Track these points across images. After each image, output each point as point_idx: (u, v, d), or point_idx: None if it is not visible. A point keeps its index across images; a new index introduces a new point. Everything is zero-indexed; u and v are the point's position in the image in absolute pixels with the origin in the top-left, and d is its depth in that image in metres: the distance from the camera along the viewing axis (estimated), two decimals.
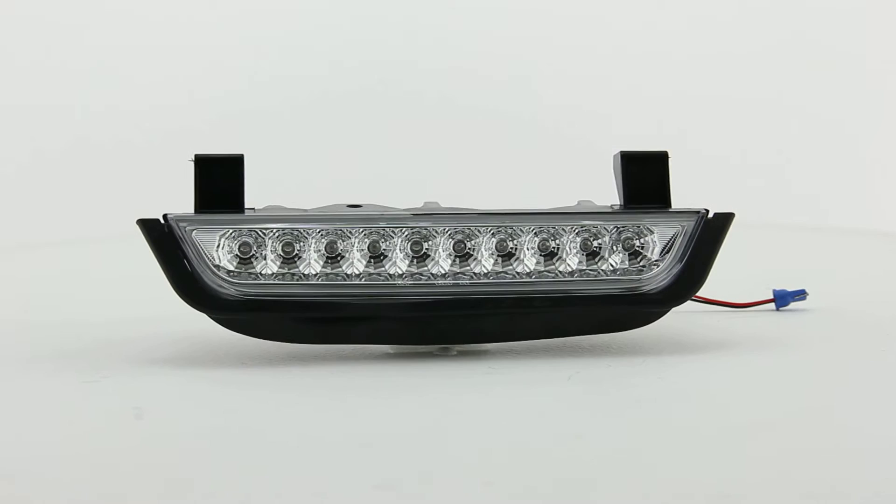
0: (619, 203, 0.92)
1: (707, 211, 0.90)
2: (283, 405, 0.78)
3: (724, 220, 0.90)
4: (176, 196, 1.92)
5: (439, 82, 2.11)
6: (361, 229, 0.88)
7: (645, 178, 0.90)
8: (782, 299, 1.21)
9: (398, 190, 1.12)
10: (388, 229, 0.88)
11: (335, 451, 0.65)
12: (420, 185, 1.83)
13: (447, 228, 0.89)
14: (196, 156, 0.89)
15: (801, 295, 1.21)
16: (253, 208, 0.91)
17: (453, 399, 0.79)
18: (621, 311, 0.90)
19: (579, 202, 0.93)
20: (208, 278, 0.88)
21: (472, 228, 0.89)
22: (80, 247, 1.74)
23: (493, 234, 0.89)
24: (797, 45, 2.22)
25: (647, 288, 0.90)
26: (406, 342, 0.92)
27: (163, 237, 0.87)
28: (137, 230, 0.87)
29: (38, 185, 1.96)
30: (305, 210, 0.91)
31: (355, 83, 2.06)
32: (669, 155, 0.90)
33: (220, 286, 0.88)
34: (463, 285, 0.89)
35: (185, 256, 0.87)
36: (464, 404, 0.77)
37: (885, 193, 2.25)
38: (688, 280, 0.89)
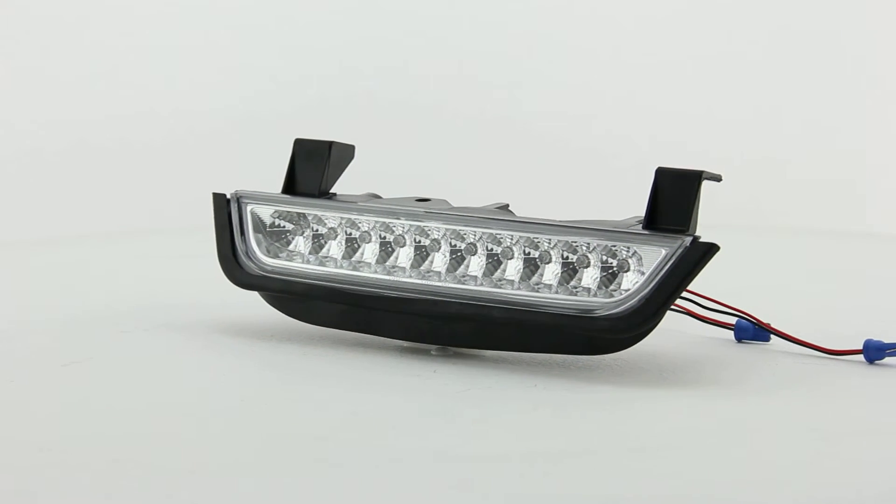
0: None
1: (693, 238, 0.80)
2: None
3: (704, 252, 0.80)
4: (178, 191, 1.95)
5: (439, 86, 2.12)
6: (380, 223, 0.90)
7: (671, 196, 0.82)
8: (876, 352, 0.93)
9: (398, 189, 1.14)
10: (409, 227, 0.89)
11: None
12: (420, 185, 1.84)
13: (447, 231, 0.88)
14: (296, 140, 0.94)
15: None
16: (333, 193, 0.94)
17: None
18: (573, 334, 0.83)
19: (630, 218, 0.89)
20: (241, 251, 0.92)
21: (466, 231, 0.88)
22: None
23: (487, 240, 0.87)
24: (796, 46, 2.20)
25: (600, 313, 0.81)
26: (394, 337, 0.91)
27: (220, 210, 0.93)
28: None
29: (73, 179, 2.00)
30: (355, 202, 0.92)
31: (355, 84, 2.08)
32: (705, 176, 0.82)
33: (247, 261, 0.92)
34: (426, 287, 0.87)
35: (230, 230, 0.92)
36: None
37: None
38: (643, 312, 0.80)
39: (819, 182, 2.20)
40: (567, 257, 0.84)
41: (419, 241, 0.89)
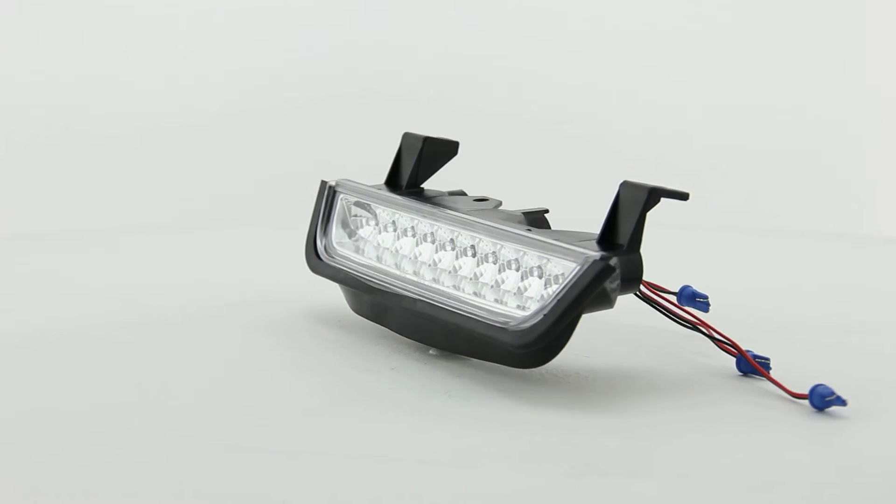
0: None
1: (604, 256, 0.74)
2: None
3: (598, 272, 0.74)
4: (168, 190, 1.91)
5: (438, 86, 2.13)
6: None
7: (622, 211, 0.77)
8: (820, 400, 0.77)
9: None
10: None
11: None
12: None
13: (447, 230, 0.86)
14: (404, 133, 0.94)
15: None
16: (420, 189, 0.93)
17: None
18: (493, 345, 0.79)
19: None
20: (320, 240, 0.93)
21: (445, 230, 0.86)
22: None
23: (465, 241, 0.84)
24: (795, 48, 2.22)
25: (510, 325, 0.76)
26: (396, 332, 0.89)
27: (319, 197, 0.94)
28: None
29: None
30: (412, 199, 0.90)
31: (355, 84, 2.08)
32: (665, 194, 0.76)
33: (322, 248, 0.92)
34: (407, 282, 0.86)
35: (317, 217, 0.93)
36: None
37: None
38: (538, 329, 0.75)
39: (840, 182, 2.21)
40: (505, 265, 0.81)
41: (426, 239, 0.88)
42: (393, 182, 0.95)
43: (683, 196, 0.78)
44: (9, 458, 0.66)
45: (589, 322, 0.76)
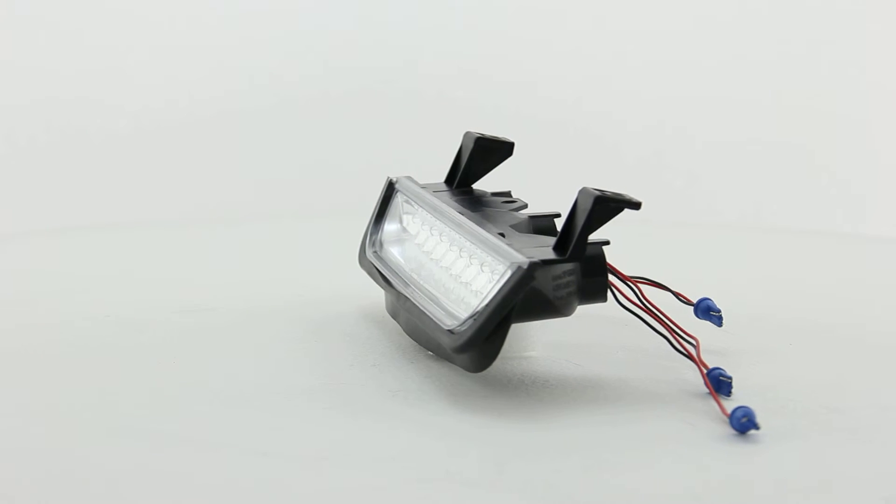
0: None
1: (530, 262, 0.72)
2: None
3: (519, 279, 0.72)
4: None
5: (440, 84, 2.10)
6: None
7: (572, 216, 0.76)
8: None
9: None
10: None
11: None
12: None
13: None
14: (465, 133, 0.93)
15: None
16: (471, 189, 0.93)
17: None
18: (442, 347, 0.78)
19: None
20: (372, 235, 0.93)
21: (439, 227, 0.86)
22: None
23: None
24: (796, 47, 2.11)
25: (455, 328, 0.76)
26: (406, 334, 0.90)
27: (382, 193, 0.94)
28: None
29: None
30: (438, 197, 0.90)
31: (355, 84, 2.08)
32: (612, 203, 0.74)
33: (369, 244, 0.93)
34: (399, 281, 0.86)
35: (375, 214, 0.95)
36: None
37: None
38: (467, 332, 0.74)
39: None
40: (480, 267, 0.80)
41: (431, 238, 0.88)
42: (449, 180, 0.95)
43: (635, 205, 0.75)
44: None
45: (591, 322, 0.73)
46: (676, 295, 0.86)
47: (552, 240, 0.78)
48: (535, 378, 0.81)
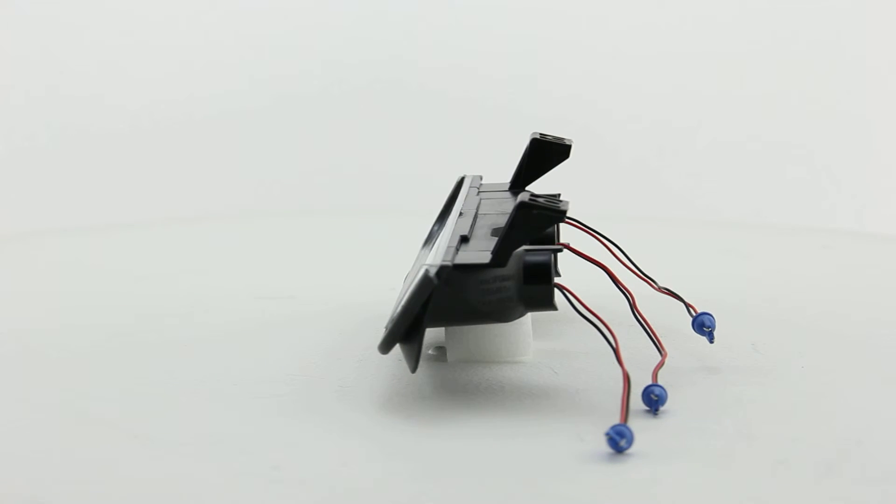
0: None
1: (442, 267, 0.70)
2: None
3: (424, 282, 0.70)
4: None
5: (440, 80, 2.10)
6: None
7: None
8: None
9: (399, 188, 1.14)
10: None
11: None
12: (419, 182, 1.82)
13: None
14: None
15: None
16: (526, 190, 0.90)
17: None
18: None
19: None
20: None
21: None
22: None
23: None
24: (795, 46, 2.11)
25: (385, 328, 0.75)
26: None
27: (451, 192, 0.94)
28: None
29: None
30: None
31: (354, 83, 2.07)
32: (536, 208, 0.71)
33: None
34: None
35: (440, 213, 0.94)
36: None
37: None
38: (385, 336, 0.73)
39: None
40: None
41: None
42: (514, 182, 0.93)
43: (560, 213, 0.72)
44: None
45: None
46: (686, 305, 0.83)
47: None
48: (495, 384, 0.78)
